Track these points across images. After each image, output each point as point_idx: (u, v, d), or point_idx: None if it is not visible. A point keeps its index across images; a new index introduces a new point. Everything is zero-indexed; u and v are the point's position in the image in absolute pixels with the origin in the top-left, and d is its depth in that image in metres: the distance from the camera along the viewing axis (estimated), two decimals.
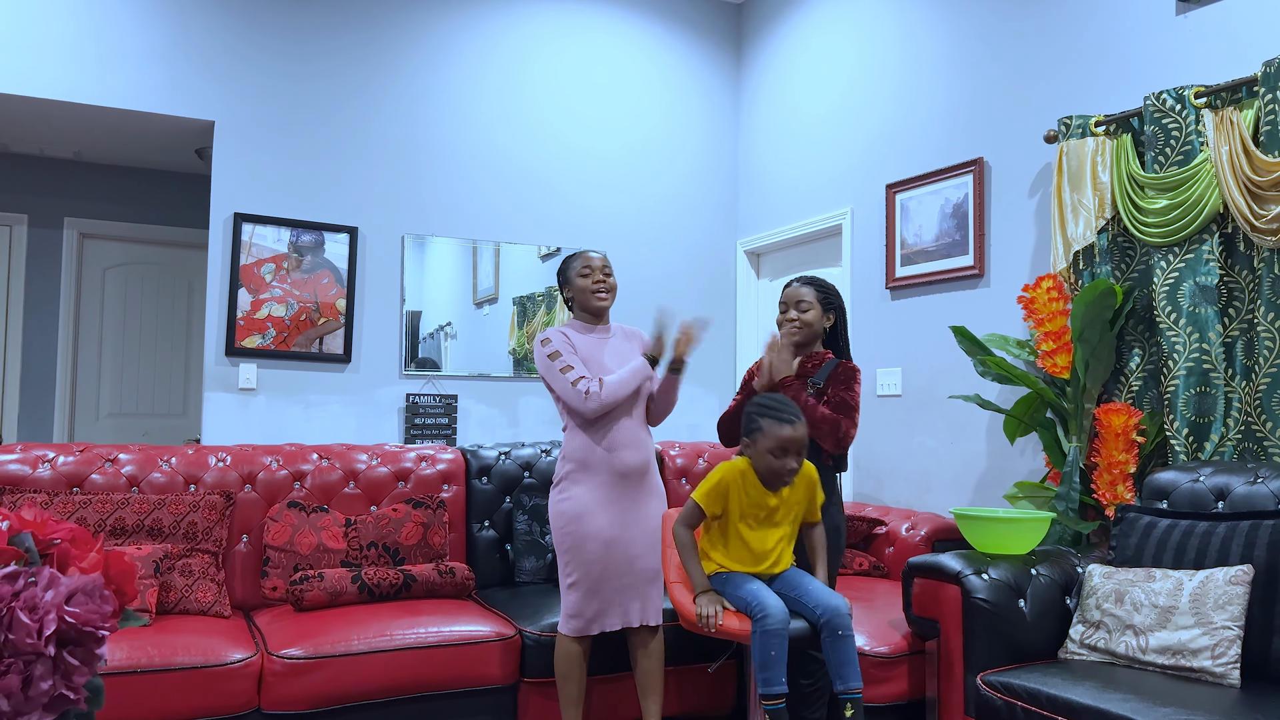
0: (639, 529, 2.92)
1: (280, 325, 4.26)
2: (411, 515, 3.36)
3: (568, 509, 2.91)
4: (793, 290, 2.97)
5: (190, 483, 3.24)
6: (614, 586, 2.88)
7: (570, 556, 2.89)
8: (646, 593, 2.92)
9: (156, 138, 4.64)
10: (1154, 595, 2.47)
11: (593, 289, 3.01)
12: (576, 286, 3.03)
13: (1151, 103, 3.02)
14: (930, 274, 3.95)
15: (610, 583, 2.88)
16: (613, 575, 2.88)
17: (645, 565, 2.92)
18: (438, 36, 4.66)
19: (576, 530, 2.88)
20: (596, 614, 2.87)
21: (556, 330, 3.01)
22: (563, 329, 3.03)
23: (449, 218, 4.66)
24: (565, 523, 2.91)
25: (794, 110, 4.88)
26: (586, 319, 3.06)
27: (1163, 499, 2.78)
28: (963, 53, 3.88)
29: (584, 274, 3.01)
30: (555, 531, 2.93)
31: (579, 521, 2.88)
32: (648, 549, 2.93)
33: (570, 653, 2.87)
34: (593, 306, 3.03)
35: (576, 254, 3.06)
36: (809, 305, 2.92)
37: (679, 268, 5.16)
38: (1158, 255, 3.01)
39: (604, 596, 2.87)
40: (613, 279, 3.07)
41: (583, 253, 3.05)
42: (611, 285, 3.05)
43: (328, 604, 3.05)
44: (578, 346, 2.98)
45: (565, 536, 2.90)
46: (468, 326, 4.64)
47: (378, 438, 4.42)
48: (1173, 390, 2.94)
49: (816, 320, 2.93)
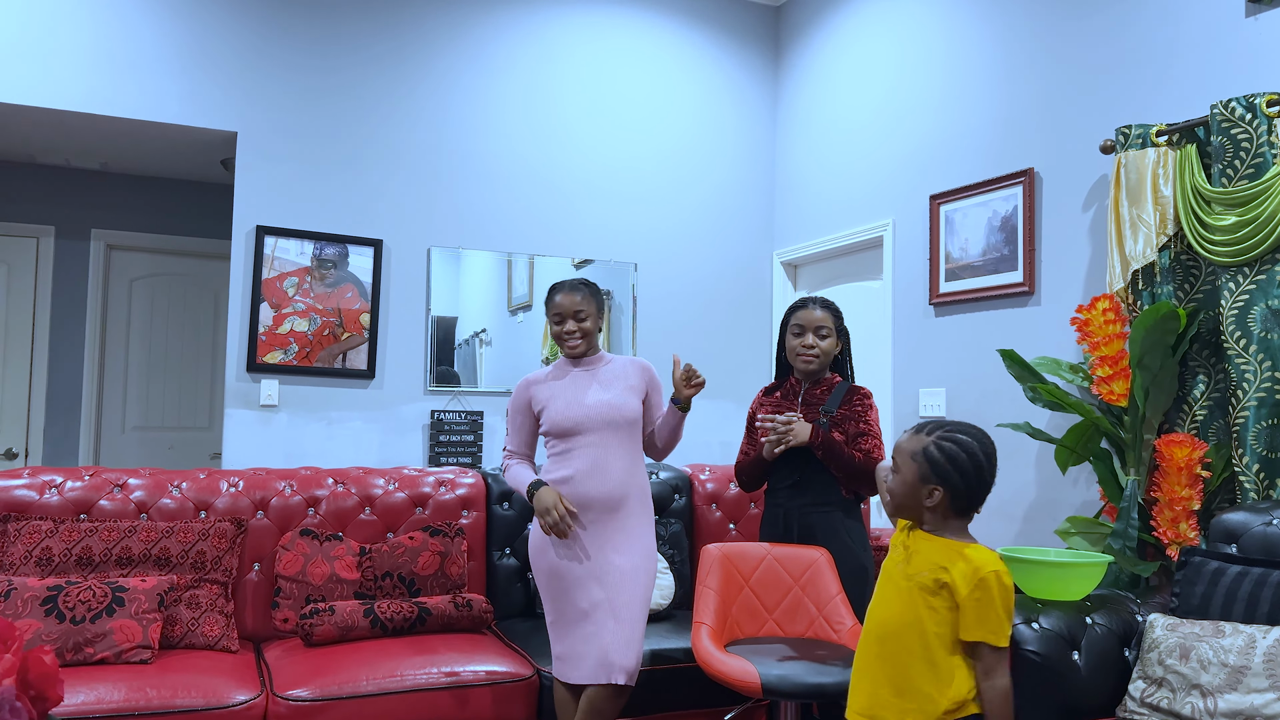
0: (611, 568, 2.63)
1: (303, 340, 4.17)
2: (428, 544, 3.22)
3: (533, 540, 2.76)
4: (809, 314, 2.80)
5: (201, 509, 3.14)
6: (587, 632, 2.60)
7: (544, 593, 2.73)
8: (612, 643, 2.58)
9: (181, 149, 4.57)
10: (1223, 653, 2.26)
11: (563, 338, 2.80)
12: (552, 330, 2.84)
13: (1219, 111, 2.80)
14: (977, 290, 3.74)
15: (583, 626, 2.61)
16: (584, 619, 2.61)
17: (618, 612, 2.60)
18: (462, 45, 4.54)
19: (540, 564, 2.72)
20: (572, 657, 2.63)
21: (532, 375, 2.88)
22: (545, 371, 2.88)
23: (476, 229, 4.53)
24: (533, 555, 2.76)
25: (833, 117, 4.68)
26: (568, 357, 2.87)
27: (1232, 542, 2.56)
28: (1012, 57, 3.67)
29: (555, 320, 2.81)
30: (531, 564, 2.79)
31: (543, 554, 2.71)
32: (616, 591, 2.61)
33: (561, 698, 2.68)
34: (565, 354, 2.84)
35: (552, 290, 2.82)
36: (829, 332, 2.78)
37: (713, 279, 5.00)
38: (1225, 276, 2.78)
39: (579, 640, 2.62)
40: (588, 322, 2.79)
41: (557, 290, 2.80)
42: (586, 329, 2.78)
43: (338, 639, 2.93)
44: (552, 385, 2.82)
45: (536, 571, 2.75)
46: (502, 333, 4.53)
47: (401, 455, 4.31)
48: (1242, 422, 2.72)
49: (833, 349, 2.79)
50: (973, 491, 1.92)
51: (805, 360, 2.78)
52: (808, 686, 2.25)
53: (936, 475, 1.91)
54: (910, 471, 1.94)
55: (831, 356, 2.80)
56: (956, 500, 1.92)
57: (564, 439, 2.75)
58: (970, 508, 1.94)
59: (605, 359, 2.88)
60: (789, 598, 2.62)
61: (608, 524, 2.68)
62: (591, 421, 2.73)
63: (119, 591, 2.70)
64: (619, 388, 2.81)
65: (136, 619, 2.67)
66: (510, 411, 2.89)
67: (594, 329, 2.80)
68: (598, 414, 2.74)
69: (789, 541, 2.75)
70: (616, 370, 2.86)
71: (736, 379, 5.02)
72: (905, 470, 1.95)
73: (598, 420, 2.74)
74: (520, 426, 2.87)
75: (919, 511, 1.97)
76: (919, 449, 1.93)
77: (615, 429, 2.75)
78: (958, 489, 1.91)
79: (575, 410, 2.74)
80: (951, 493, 1.91)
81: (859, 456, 2.64)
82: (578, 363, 2.85)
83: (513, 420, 2.87)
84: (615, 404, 2.77)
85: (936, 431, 1.94)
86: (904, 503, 1.97)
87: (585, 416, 2.74)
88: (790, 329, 2.84)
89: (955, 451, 1.90)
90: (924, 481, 1.92)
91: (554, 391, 2.81)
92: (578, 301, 2.77)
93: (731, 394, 4.99)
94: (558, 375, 2.86)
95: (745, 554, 2.63)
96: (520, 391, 2.87)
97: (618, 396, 2.78)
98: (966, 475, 1.90)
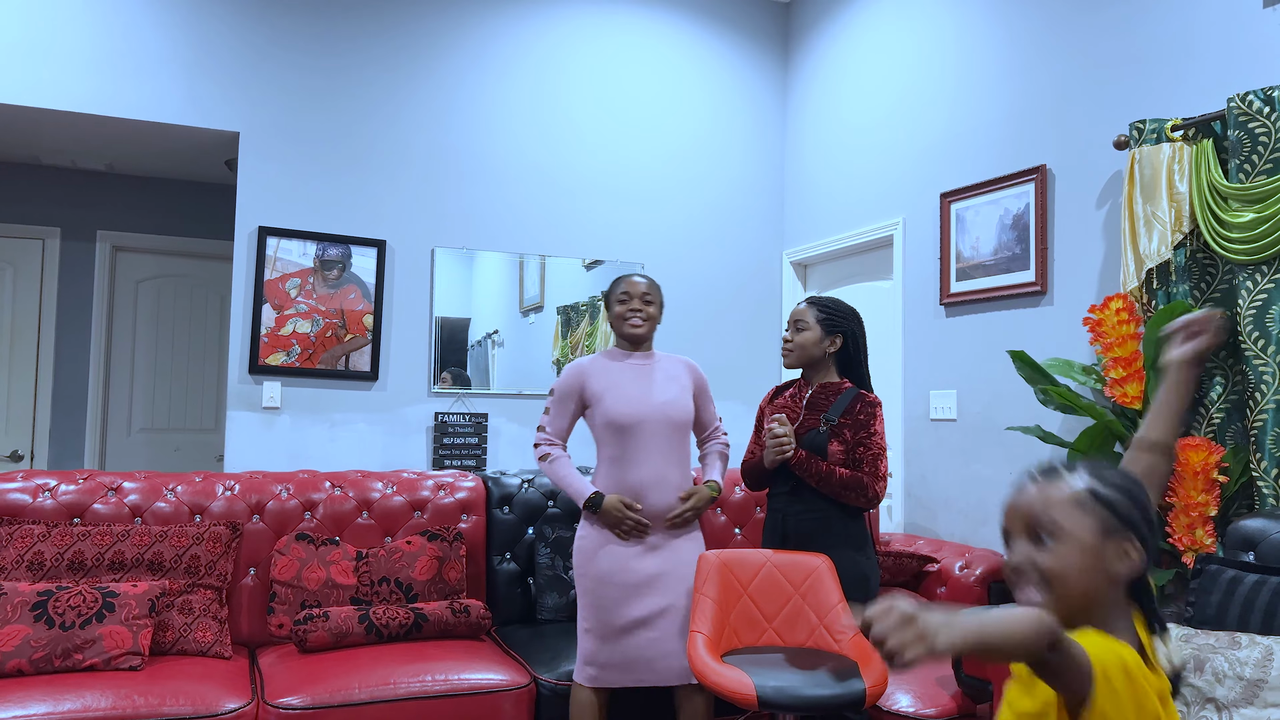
0: (660, 577, 2.70)
1: (305, 342, 4.13)
2: (426, 549, 3.17)
3: (584, 547, 2.74)
4: (795, 309, 2.82)
5: (196, 513, 3.10)
6: (634, 639, 2.67)
7: (586, 600, 2.71)
8: (679, 647, 2.69)
9: (185, 149, 4.55)
10: (1239, 665, 2.18)
11: (628, 315, 2.82)
12: (614, 312, 2.85)
13: (1236, 105, 2.70)
14: (988, 290, 3.66)
15: (629, 634, 2.66)
16: (633, 627, 2.66)
17: (673, 616, 2.69)
18: (468, 44, 4.49)
19: (591, 572, 2.70)
20: (609, 664, 2.66)
21: (585, 360, 2.84)
22: (603, 354, 2.87)
23: (482, 230, 4.49)
24: (581, 562, 2.73)
25: (843, 115, 4.61)
26: (624, 346, 2.88)
27: (1249, 550, 2.47)
28: (1024, 52, 3.58)
29: (622, 299, 2.83)
30: (575, 570, 2.76)
31: (593, 563, 2.70)
32: (675, 597, 2.70)
33: (581, 703, 2.66)
34: (625, 334, 2.83)
35: (621, 277, 2.87)
36: (806, 326, 2.76)
37: (723, 279, 4.93)
38: (1243, 274, 2.69)
39: (622, 648, 2.66)
40: (654, 308, 2.84)
41: (626, 277, 2.85)
42: (650, 315, 2.83)
43: (333, 645, 2.88)
44: (609, 374, 2.79)
45: (581, 577, 2.73)
46: (514, 334, 4.49)
47: (405, 458, 4.26)
48: (1260, 425, 2.63)
49: (811, 343, 2.74)
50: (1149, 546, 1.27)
51: (783, 353, 2.81)
52: (806, 699, 2.18)
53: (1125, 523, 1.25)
54: (1083, 529, 1.24)
55: (811, 354, 2.76)
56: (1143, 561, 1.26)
57: (621, 436, 2.73)
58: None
59: (657, 356, 2.90)
60: (789, 606, 2.55)
61: (666, 535, 2.74)
62: (654, 421, 2.74)
63: (109, 597, 2.67)
64: (676, 388, 2.83)
65: (127, 625, 2.64)
66: (557, 394, 2.83)
67: (656, 318, 2.85)
68: (661, 413, 2.75)
69: (787, 547, 2.68)
70: (670, 370, 2.87)
71: (745, 380, 4.95)
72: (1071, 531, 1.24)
73: (660, 420, 2.75)
74: (565, 412, 2.83)
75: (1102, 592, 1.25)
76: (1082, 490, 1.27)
77: (675, 430, 2.77)
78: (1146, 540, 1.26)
79: (637, 406, 2.74)
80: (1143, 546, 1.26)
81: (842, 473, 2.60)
82: (632, 354, 2.85)
83: (559, 404, 2.82)
84: (677, 403, 2.80)
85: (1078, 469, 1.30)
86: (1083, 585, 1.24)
87: (648, 414, 2.74)
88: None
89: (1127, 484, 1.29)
90: (1110, 536, 1.24)
91: (612, 381, 2.79)
92: (648, 286, 2.83)
93: (740, 395, 4.92)
94: (613, 364, 2.84)
95: (744, 561, 2.56)
96: (572, 375, 2.82)
97: (677, 397, 2.81)
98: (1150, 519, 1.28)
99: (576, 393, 2.82)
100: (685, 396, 2.84)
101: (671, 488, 2.74)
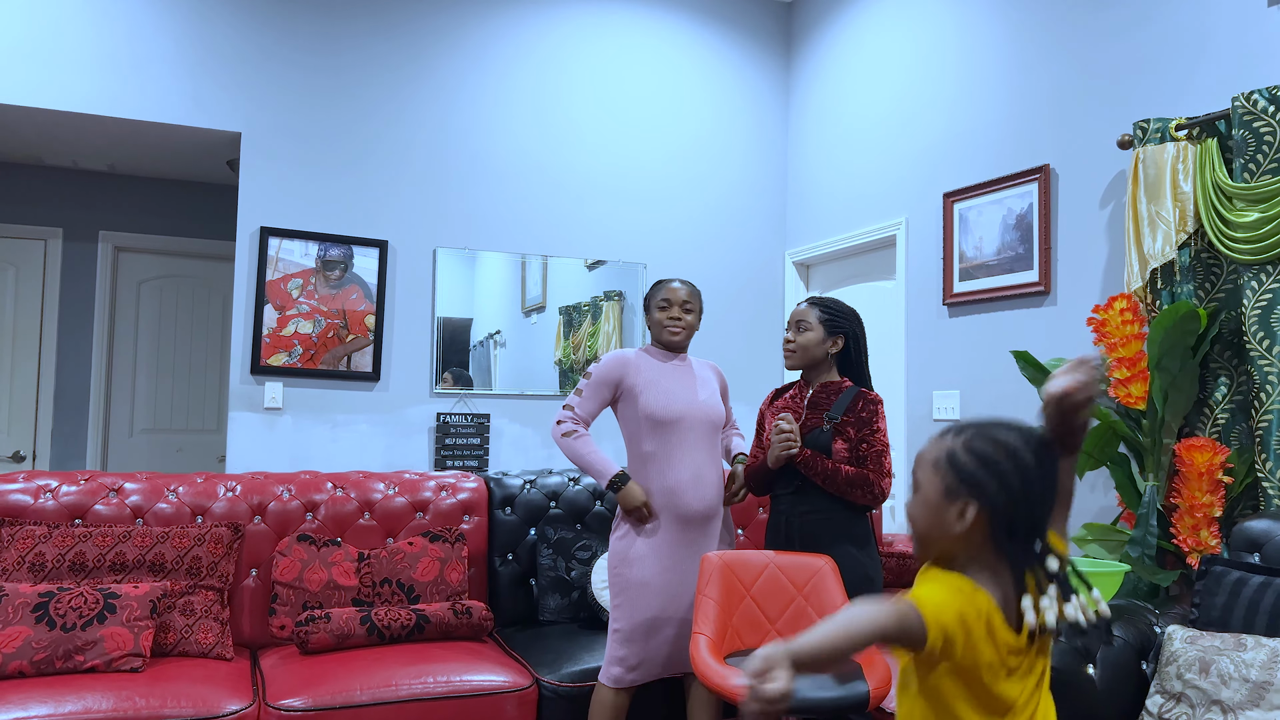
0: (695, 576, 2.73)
1: (307, 342, 4.12)
2: (428, 550, 3.17)
3: (621, 549, 2.75)
4: (797, 310, 2.82)
5: (198, 513, 3.09)
6: (663, 637, 2.71)
7: (620, 600, 2.72)
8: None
9: (187, 150, 4.54)
10: (1245, 667, 2.16)
11: (666, 323, 2.84)
12: (654, 318, 2.87)
13: (1241, 104, 2.69)
14: (991, 290, 3.65)
15: (660, 633, 2.70)
16: (663, 626, 2.70)
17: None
18: (469, 45, 4.49)
19: (627, 575, 2.71)
20: (639, 664, 2.69)
21: (630, 352, 2.86)
22: (643, 350, 2.89)
23: (484, 230, 4.48)
24: (617, 564, 2.74)
25: (846, 114, 4.59)
26: (661, 350, 2.90)
27: (1254, 551, 2.46)
28: (1027, 51, 3.57)
29: (662, 306, 2.85)
30: (609, 571, 2.77)
31: (630, 566, 2.71)
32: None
33: (604, 703, 2.67)
34: (664, 340, 2.86)
35: (663, 283, 2.88)
36: (809, 326, 2.76)
37: (725, 279, 4.92)
38: (1248, 275, 2.68)
39: (651, 647, 2.69)
40: (693, 316, 2.86)
41: (668, 283, 2.87)
42: (689, 324, 2.85)
43: (335, 647, 2.87)
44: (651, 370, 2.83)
45: (616, 578, 2.74)
46: (516, 334, 4.48)
47: (406, 459, 4.26)
48: (1265, 426, 2.61)
49: (814, 344, 2.74)
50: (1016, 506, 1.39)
51: (786, 354, 2.81)
52: (809, 701, 2.17)
53: (968, 488, 1.40)
54: (931, 487, 1.43)
55: (813, 354, 2.75)
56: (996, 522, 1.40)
57: (663, 432, 2.76)
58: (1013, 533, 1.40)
59: (689, 359, 2.94)
60: (792, 607, 2.54)
61: (703, 532, 2.77)
62: (695, 420, 2.78)
63: (110, 598, 2.66)
64: (710, 389, 2.89)
65: (128, 626, 2.63)
66: (595, 378, 2.84)
67: (695, 326, 2.88)
68: (702, 411, 2.80)
69: (791, 549, 2.67)
70: (701, 373, 2.92)
71: (749, 380, 4.94)
72: (924, 487, 1.44)
73: (701, 418, 2.80)
74: (598, 397, 2.84)
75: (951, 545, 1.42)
76: (941, 454, 1.44)
77: (713, 430, 2.82)
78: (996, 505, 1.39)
79: (680, 403, 2.78)
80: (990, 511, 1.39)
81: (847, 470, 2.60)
82: (669, 357, 2.88)
83: (594, 388, 2.83)
84: (713, 403, 2.85)
85: (959, 433, 1.45)
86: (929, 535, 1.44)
87: (690, 411, 2.78)
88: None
89: (990, 454, 1.40)
90: (950, 497, 1.41)
91: (654, 377, 2.82)
92: (688, 294, 2.86)
93: (744, 396, 4.91)
94: (655, 361, 2.87)
95: (747, 562, 2.55)
96: (615, 363, 2.84)
97: (713, 398, 2.87)
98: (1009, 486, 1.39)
99: (616, 382, 2.83)
100: (718, 398, 2.90)
101: (708, 485, 2.77)
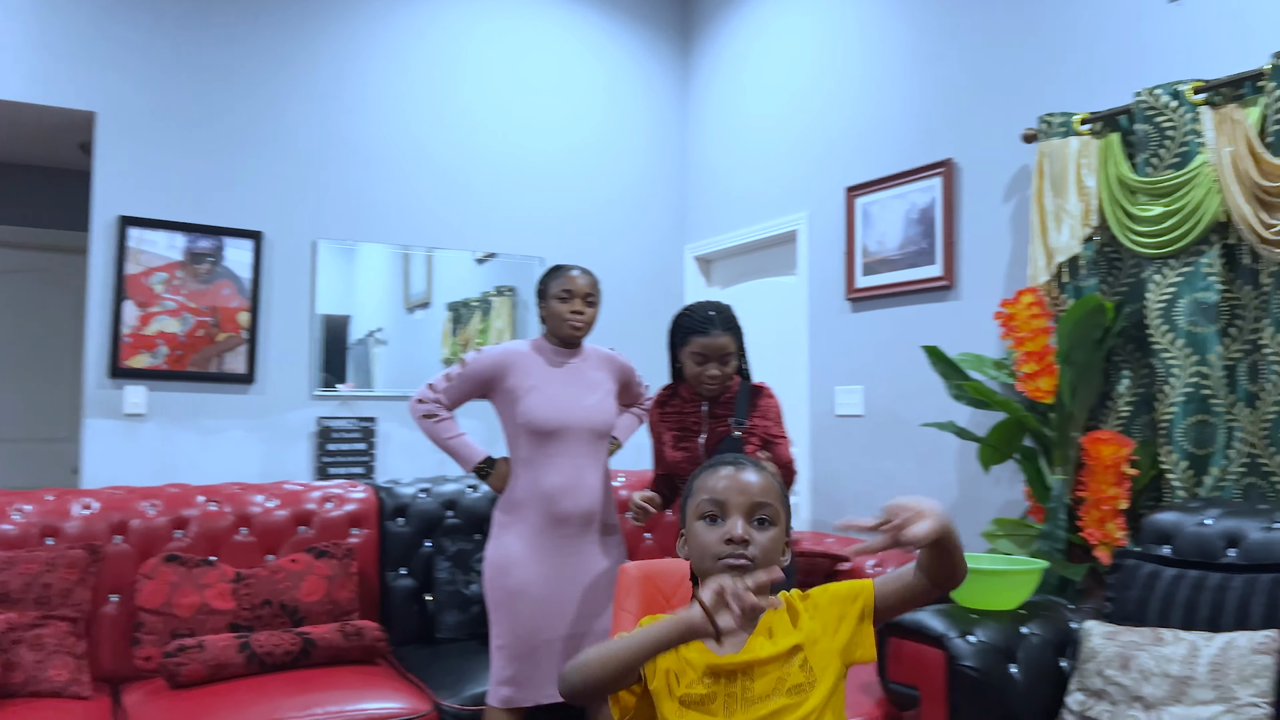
0: (578, 586, 2.57)
1: (173, 342, 3.79)
2: (314, 567, 2.92)
3: (497, 559, 2.57)
4: (711, 341, 2.56)
5: (48, 535, 2.77)
6: (548, 652, 2.52)
7: (498, 614, 2.55)
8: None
9: (33, 131, 4.13)
10: (1165, 662, 2.15)
11: (568, 317, 2.64)
12: (552, 309, 2.66)
13: (1143, 99, 2.71)
14: (895, 285, 3.62)
15: (544, 647, 2.52)
16: (547, 638, 2.53)
17: (591, 628, 2.55)
18: (356, 24, 4.21)
19: (503, 584, 2.54)
20: (526, 681, 2.51)
21: (514, 351, 2.65)
22: (534, 345, 2.70)
23: (369, 221, 4.22)
24: (493, 574, 2.57)
25: (746, 107, 4.52)
26: (556, 344, 2.71)
27: (1165, 544, 2.47)
28: (931, 45, 3.56)
29: (563, 297, 2.65)
30: (485, 585, 2.59)
31: (506, 574, 2.54)
32: (593, 609, 2.57)
33: None
34: (563, 334, 2.67)
35: (562, 269, 2.67)
36: (731, 355, 2.61)
37: (624, 274, 4.78)
38: (1151, 268, 2.70)
39: (536, 662, 2.51)
40: (594, 309, 2.68)
41: (567, 270, 2.66)
42: (590, 318, 2.67)
43: (209, 679, 2.61)
44: (538, 372, 2.62)
45: (493, 590, 2.57)
46: (399, 332, 4.23)
47: (286, 468, 3.96)
48: (1169, 418, 2.64)
49: (734, 368, 2.66)
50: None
51: (710, 390, 2.61)
52: None
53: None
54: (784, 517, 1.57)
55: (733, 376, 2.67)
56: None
57: (540, 440, 2.58)
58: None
59: (585, 352, 2.75)
60: None
61: (582, 537, 2.60)
62: (578, 429, 2.61)
63: None
64: (600, 392, 2.70)
65: None
66: (469, 372, 2.63)
67: (594, 319, 2.71)
68: (585, 419, 2.62)
69: None
70: (595, 369, 2.73)
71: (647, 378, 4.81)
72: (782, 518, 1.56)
73: (583, 427, 2.62)
74: (465, 390, 2.66)
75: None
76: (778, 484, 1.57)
77: (597, 437, 2.65)
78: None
79: (562, 413, 2.59)
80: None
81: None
82: (564, 354, 2.70)
83: (465, 381, 2.64)
84: (601, 408, 2.67)
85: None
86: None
87: (572, 421, 2.60)
88: (690, 356, 2.60)
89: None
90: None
91: (539, 381, 2.62)
92: (590, 285, 2.70)
93: None
94: (541, 360, 2.66)
95: (665, 572, 2.42)
96: (494, 363, 2.63)
97: (602, 401, 2.68)
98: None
99: (490, 381, 2.64)
100: (609, 400, 2.72)
101: (587, 490, 2.61)
